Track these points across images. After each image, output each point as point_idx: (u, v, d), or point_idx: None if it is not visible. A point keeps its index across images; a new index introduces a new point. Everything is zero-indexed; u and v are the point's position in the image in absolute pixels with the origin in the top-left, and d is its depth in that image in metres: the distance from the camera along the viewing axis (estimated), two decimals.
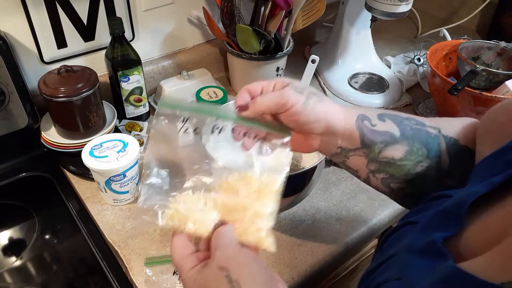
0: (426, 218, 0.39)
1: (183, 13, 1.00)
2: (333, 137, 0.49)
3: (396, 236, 0.42)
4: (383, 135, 0.49)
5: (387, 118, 0.50)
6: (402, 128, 0.49)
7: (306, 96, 0.47)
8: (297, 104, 0.46)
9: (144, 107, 0.94)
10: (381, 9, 0.92)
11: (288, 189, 0.66)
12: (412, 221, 0.42)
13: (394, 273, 0.36)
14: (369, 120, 0.50)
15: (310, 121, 0.47)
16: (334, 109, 0.49)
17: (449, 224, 0.36)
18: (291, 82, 0.49)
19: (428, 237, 0.35)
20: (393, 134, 0.49)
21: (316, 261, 0.69)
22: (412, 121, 0.51)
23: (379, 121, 0.50)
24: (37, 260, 0.76)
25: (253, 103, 0.48)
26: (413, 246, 0.37)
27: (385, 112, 0.51)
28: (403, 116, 0.51)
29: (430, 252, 0.34)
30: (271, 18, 0.93)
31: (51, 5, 0.81)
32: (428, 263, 0.34)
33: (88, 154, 0.71)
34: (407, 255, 0.36)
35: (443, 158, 0.49)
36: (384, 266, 0.39)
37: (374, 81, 1.10)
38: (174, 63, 1.03)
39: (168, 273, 0.64)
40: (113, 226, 0.73)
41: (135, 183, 0.76)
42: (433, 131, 0.50)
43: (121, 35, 0.83)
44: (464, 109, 0.90)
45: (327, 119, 0.48)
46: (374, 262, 0.42)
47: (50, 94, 0.75)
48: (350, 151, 0.50)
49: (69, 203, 0.79)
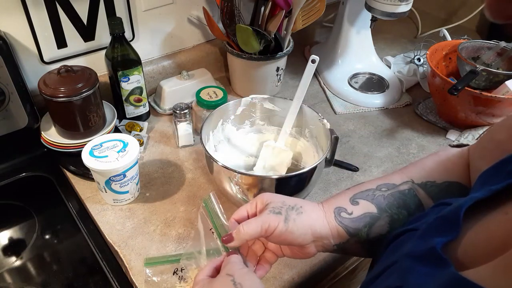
0: (426, 224, 0.39)
1: (183, 13, 1.00)
2: (325, 239, 0.52)
3: (397, 244, 0.43)
4: (363, 218, 0.51)
5: (359, 199, 0.52)
6: (377, 202, 0.52)
7: (285, 215, 0.50)
8: (278, 225, 0.49)
9: (144, 107, 0.94)
10: (381, 9, 0.92)
11: (288, 189, 0.67)
12: (412, 228, 0.42)
13: (395, 280, 0.37)
14: (345, 210, 0.52)
15: (296, 236, 0.50)
16: (315, 215, 0.52)
17: (448, 230, 0.36)
18: (269, 202, 0.52)
19: (428, 243, 0.36)
20: (371, 213, 0.51)
21: (316, 261, 0.69)
22: (383, 188, 0.52)
23: (353, 206, 0.52)
24: (37, 260, 0.76)
25: (237, 234, 0.50)
26: (414, 253, 0.37)
27: (355, 193, 0.53)
28: (373, 187, 0.53)
29: (430, 258, 0.35)
30: (271, 18, 0.93)
31: (51, 5, 0.81)
32: (428, 270, 0.34)
33: (88, 154, 0.71)
34: (407, 262, 0.37)
35: (426, 204, 0.51)
36: (386, 274, 0.39)
37: (374, 81, 1.10)
38: (174, 63, 1.03)
39: (168, 273, 0.64)
40: (113, 226, 0.73)
41: (135, 183, 0.76)
42: (405, 187, 0.52)
43: (121, 35, 0.83)
44: (464, 109, 0.90)
45: (312, 228, 0.50)
46: (375, 270, 0.42)
47: (50, 94, 0.75)
48: (345, 244, 0.52)
49: (69, 203, 0.79)
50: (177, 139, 0.89)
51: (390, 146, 0.93)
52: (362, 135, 0.96)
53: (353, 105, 1.04)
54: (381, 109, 1.04)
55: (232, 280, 0.45)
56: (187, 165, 0.86)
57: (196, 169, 0.85)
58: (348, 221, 0.51)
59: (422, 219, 0.42)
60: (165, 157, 0.88)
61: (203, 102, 0.86)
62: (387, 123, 1.00)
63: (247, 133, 0.84)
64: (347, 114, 1.03)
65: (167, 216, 0.75)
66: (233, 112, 0.81)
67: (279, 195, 0.54)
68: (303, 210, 0.51)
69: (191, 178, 0.83)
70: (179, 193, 0.80)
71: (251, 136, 0.85)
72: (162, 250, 0.69)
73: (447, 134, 0.96)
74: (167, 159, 0.87)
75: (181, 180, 0.82)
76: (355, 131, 0.97)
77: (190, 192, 0.80)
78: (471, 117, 0.91)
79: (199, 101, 0.87)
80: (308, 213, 0.51)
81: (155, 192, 0.80)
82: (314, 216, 0.51)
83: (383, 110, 1.04)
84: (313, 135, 0.76)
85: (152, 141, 0.91)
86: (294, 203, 0.52)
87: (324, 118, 0.72)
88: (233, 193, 0.69)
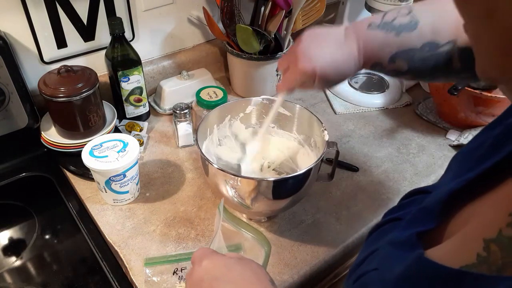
0: (410, 215, 0.41)
1: (183, 13, 1.00)
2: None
3: (380, 232, 0.44)
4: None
5: (398, 58, 0.56)
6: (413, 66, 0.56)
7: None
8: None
9: (144, 107, 0.94)
10: (381, 9, 0.92)
11: (286, 190, 0.66)
12: (396, 217, 0.44)
13: (374, 265, 0.39)
14: (380, 66, 0.58)
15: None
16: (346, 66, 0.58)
17: (428, 220, 0.38)
18: None
19: (408, 232, 0.38)
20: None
21: (316, 261, 0.69)
22: (426, 49, 0.54)
23: (389, 64, 0.57)
24: (37, 260, 0.76)
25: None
26: (394, 240, 0.39)
27: (399, 50, 0.56)
28: (418, 46, 0.55)
29: (407, 244, 0.36)
30: (271, 18, 0.93)
31: (51, 5, 0.81)
32: (402, 254, 0.36)
33: (88, 154, 0.71)
34: (387, 249, 0.39)
35: (454, 61, 0.54)
36: (368, 260, 0.41)
37: (374, 81, 1.10)
38: (174, 63, 1.03)
39: (168, 273, 0.64)
40: (113, 226, 0.73)
41: (135, 183, 0.76)
42: (446, 49, 0.53)
43: (121, 35, 0.83)
44: (464, 109, 0.90)
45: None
46: (359, 256, 0.44)
47: (50, 94, 0.75)
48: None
49: (69, 203, 0.79)
50: (177, 139, 0.89)
51: (390, 146, 0.93)
52: (362, 135, 0.96)
53: (353, 105, 1.04)
54: (381, 109, 1.04)
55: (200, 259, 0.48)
56: (187, 165, 0.86)
57: (196, 169, 0.85)
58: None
59: (405, 209, 0.44)
60: (165, 157, 0.88)
61: (203, 102, 0.86)
62: (387, 123, 1.00)
63: (256, 133, 0.83)
64: (347, 114, 1.03)
65: (167, 216, 0.75)
66: (243, 110, 0.80)
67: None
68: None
69: (191, 178, 0.83)
70: (179, 193, 0.80)
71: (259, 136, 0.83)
72: (162, 250, 0.69)
73: (447, 134, 0.96)
74: (167, 159, 0.87)
75: (181, 180, 0.82)
76: (355, 131, 0.97)
77: (190, 192, 0.80)
78: (471, 117, 0.91)
79: (199, 101, 0.87)
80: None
81: (155, 192, 0.80)
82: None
83: (383, 110, 1.04)
84: (317, 145, 0.75)
85: (152, 141, 0.91)
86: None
87: (326, 129, 0.70)
88: (229, 195, 0.68)
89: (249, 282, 0.45)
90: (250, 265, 0.47)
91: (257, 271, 0.47)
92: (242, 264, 0.47)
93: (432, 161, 0.89)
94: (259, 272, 0.47)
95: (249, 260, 0.48)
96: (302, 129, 0.78)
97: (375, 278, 0.37)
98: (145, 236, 0.71)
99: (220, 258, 0.47)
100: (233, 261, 0.47)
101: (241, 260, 0.47)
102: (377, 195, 0.81)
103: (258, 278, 0.45)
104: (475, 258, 0.30)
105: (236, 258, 0.48)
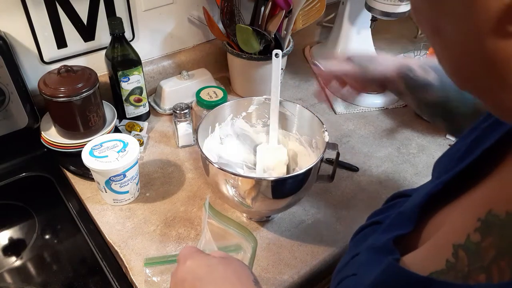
0: (389, 220, 0.41)
1: (183, 13, 1.00)
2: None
3: (362, 236, 0.45)
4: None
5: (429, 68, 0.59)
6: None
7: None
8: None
9: (144, 107, 0.94)
10: (381, 9, 0.92)
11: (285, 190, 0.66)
12: (376, 221, 0.44)
13: (354, 270, 0.39)
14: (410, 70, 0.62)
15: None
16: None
17: (405, 224, 0.38)
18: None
19: (386, 237, 0.38)
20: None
21: (316, 261, 0.69)
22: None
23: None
24: (37, 260, 0.76)
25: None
26: (373, 245, 0.39)
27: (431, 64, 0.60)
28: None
29: (384, 249, 0.37)
30: (271, 18, 0.93)
31: (51, 5, 0.81)
32: (378, 259, 0.36)
33: (88, 154, 0.71)
34: (366, 254, 0.39)
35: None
36: (349, 264, 0.41)
37: None
38: (174, 63, 1.03)
39: (168, 273, 0.64)
40: (113, 226, 0.73)
41: (135, 183, 0.76)
42: None
43: (121, 35, 0.83)
44: None
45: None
46: (343, 260, 0.44)
47: (50, 94, 0.75)
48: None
49: (69, 203, 0.79)
50: (177, 139, 0.89)
51: (390, 146, 0.93)
52: (362, 135, 0.96)
53: (353, 105, 1.04)
54: (381, 109, 1.04)
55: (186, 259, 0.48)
56: (187, 165, 0.86)
57: (196, 169, 0.85)
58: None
59: (386, 212, 0.44)
60: (165, 157, 0.88)
61: (203, 102, 0.86)
62: (387, 123, 1.00)
63: (258, 132, 0.83)
64: (347, 114, 1.03)
65: (167, 216, 0.75)
66: (245, 109, 0.80)
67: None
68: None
69: (191, 178, 0.83)
70: (179, 193, 0.80)
71: (262, 136, 0.84)
72: (162, 250, 0.69)
73: (447, 134, 0.96)
74: (167, 159, 0.87)
75: (181, 180, 0.82)
76: (355, 131, 0.97)
77: (190, 192, 0.80)
78: None
79: (199, 101, 0.87)
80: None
81: (155, 192, 0.80)
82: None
83: (383, 110, 1.04)
84: (318, 146, 0.75)
85: (152, 141, 0.91)
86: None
87: (326, 130, 0.71)
88: (230, 195, 0.68)
89: (229, 283, 0.44)
90: (233, 265, 0.47)
91: (239, 271, 0.46)
92: (225, 264, 0.46)
93: (432, 161, 0.89)
94: (241, 272, 0.46)
95: (233, 260, 0.48)
96: (302, 129, 0.78)
97: (353, 283, 0.38)
98: (145, 236, 0.71)
99: (204, 258, 0.47)
100: (216, 261, 0.47)
101: (224, 260, 0.47)
102: (377, 195, 0.81)
103: (239, 278, 0.45)
104: (445, 264, 0.29)
105: (219, 258, 0.47)
